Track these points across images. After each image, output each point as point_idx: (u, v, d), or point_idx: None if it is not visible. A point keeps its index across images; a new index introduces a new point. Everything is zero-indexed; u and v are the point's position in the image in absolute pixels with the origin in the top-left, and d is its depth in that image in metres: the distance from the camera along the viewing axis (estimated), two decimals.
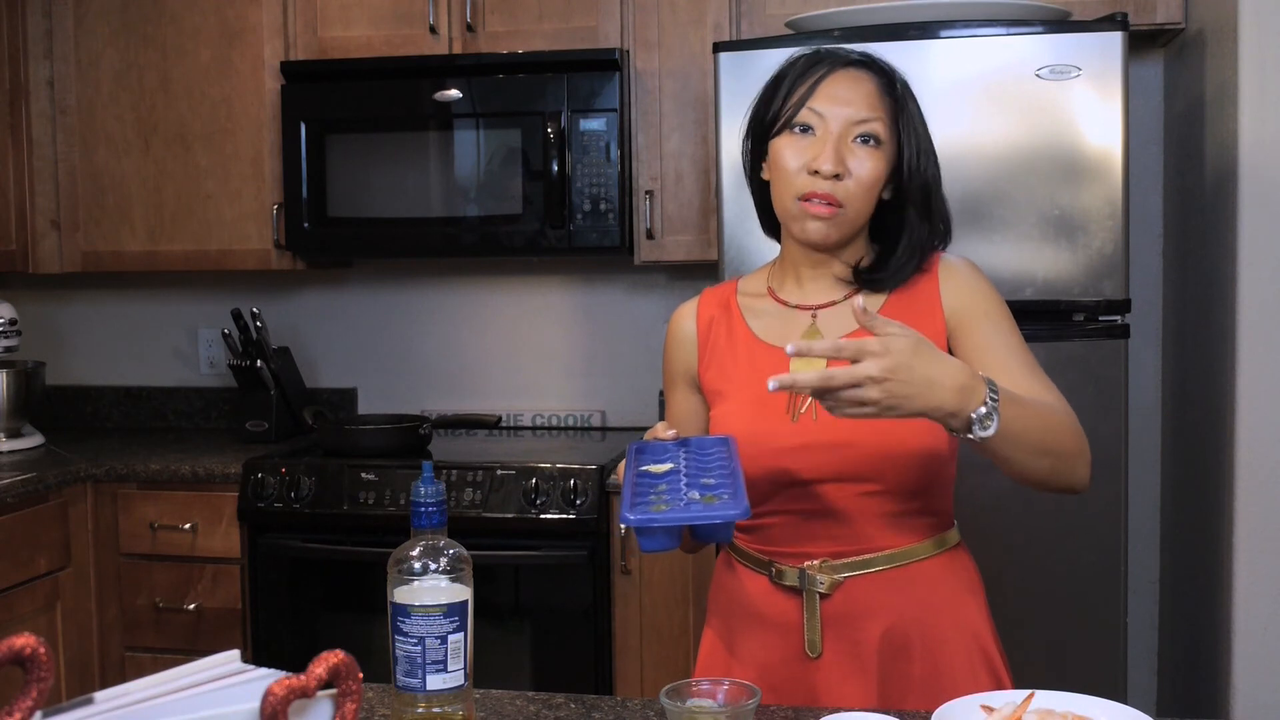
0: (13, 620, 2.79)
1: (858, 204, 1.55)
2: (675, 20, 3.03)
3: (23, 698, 0.89)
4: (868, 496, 1.55)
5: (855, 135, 1.54)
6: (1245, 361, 2.47)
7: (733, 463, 1.43)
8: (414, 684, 1.27)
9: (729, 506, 1.32)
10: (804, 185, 1.54)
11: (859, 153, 1.54)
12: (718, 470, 1.42)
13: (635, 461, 1.48)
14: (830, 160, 1.52)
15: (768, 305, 1.66)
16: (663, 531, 1.34)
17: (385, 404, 3.60)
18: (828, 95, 1.55)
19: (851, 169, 1.53)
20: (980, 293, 1.59)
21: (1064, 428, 1.48)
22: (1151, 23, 2.83)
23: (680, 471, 1.43)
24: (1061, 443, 1.46)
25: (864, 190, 1.54)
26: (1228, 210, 2.52)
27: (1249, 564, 2.48)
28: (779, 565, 1.59)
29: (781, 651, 1.59)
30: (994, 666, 1.60)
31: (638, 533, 1.34)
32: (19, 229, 3.34)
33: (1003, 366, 1.52)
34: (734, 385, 1.63)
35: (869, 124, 1.54)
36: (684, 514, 1.32)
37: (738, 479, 1.37)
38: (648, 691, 2.81)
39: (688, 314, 1.72)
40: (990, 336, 1.56)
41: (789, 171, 1.55)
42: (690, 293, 3.37)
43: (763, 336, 1.64)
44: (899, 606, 1.56)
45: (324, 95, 3.17)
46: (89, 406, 3.78)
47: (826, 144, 1.53)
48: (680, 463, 1.46)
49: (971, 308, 1.58)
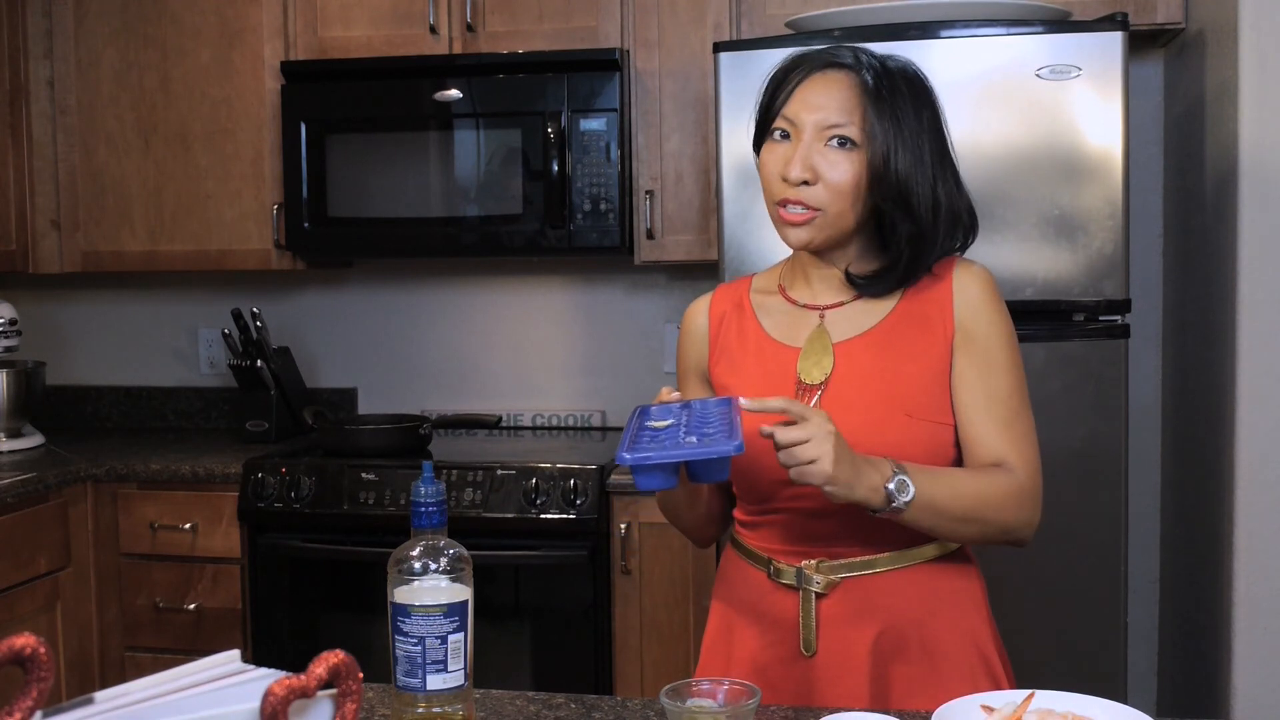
0: (13, 620, 2.79)
1: (835, 207, 1.54)
2: (675, 20, 3.03)
3: (23, 698, 0.89)
4: None
5: (827, 139, 1.53)
6: (1245, 361, 2.47)
7: (733, 413, 1.44)
8: (414, 684, 1.27)
9: (722, 443, 1.33)
10: (779, 191, 1.56)
11: (831, 156, 1.53)
12: (717, 422, 1.43)
13: (638, 420, 1.49)
14: (797, 167, 1.53)
15: (778, 303, 1.67)
16: (659, 470, 1.37)
17: (385, 404, 3.60)
18: (801, 101, 1.55)
19: (822, 173, 1.53)
20: (990, 320, 1.58)
21: (997, 499, 1.53)
22: (1151, 23, 2.83)
23: (680, 425, 1.45)
24: (988, 514, 1.52)
25: (838, 193, 1.53)
26: (1228, 210, 2.52)
27: (1249, 564, 2.48)
28: (777, 563, 1.59)
29: (778, 648, 1.59)
30: (993, 670, 1.59)
31: (634, 471, 1.37)
32: (19, 229, 3.34)
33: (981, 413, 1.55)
34: (741, 381, 1.63)
35: (840, 128, 1.53)
36: (678, 450, 1.34)
37: (736, 425, 1.39)
38: (648, 691, 2.81)
39: (701, 309, 1.73)
40: (979, 377, 1.56)
41: (767, 179, 1.58)
42: (690, 292, 3.39)
43: (773, 334, 1.64)
44: (897, 608, 1.56)
45: (324, 95, 3.17)
46: (89, 406, 3.78)
47: (796, 151, 1.54)
48: (682, 419, 1.47)
49: (974, 334, 1.57)
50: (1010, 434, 1.55)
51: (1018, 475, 1.54)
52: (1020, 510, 1.54)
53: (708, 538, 1.76)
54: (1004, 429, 1.55)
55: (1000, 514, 1.53)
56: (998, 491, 1.52)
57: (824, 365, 1.58)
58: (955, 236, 1.61)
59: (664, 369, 3.42)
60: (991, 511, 1.52)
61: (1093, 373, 2.48)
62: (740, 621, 1.64)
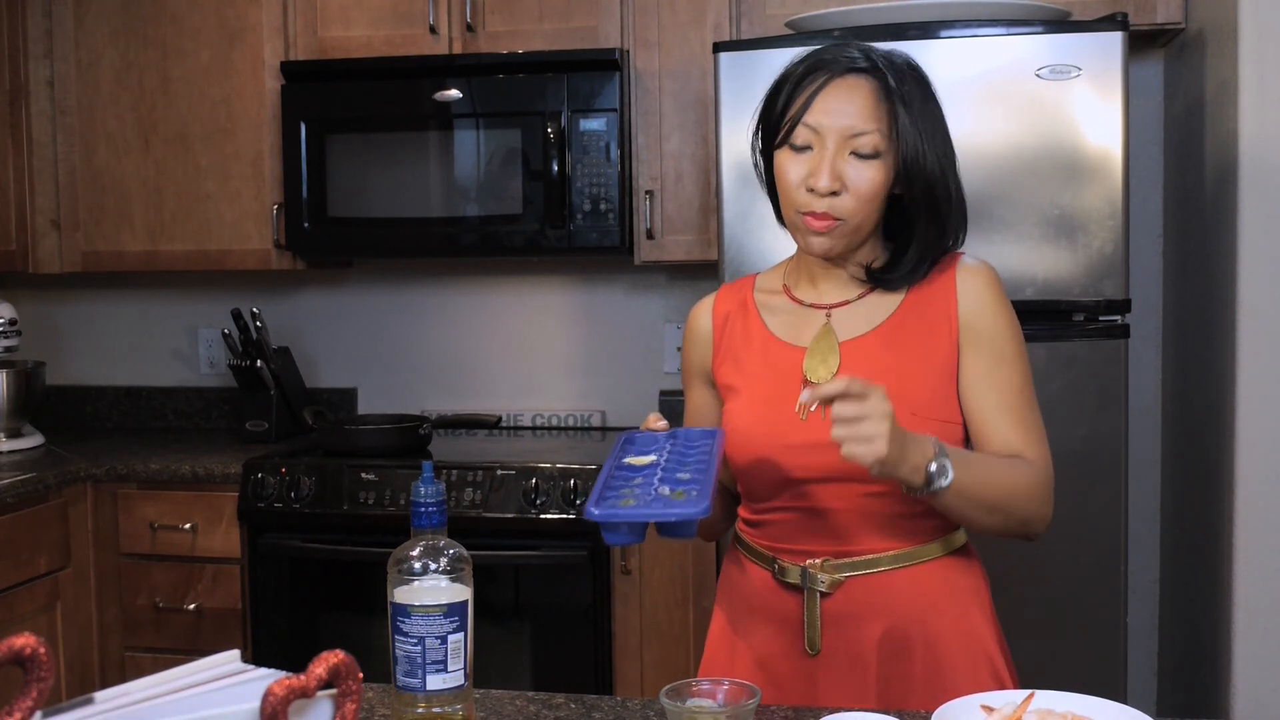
0: (13, 620, 2.79)
1: (859, 216, 1.54)
2: (675, 20, 3.03)
3: (23, 698, 0.89)
4: (872, 497, 1.55)
5: (852, 149, 1.53)
6: (1245, 361, 2.47)
7: (711, 458, 1.44)
8: (414, 684, 1.27)
9: (689, 505, 1.33)
10: (803, 201, 1.54)
11: (857, 165, 1.52)
12: (695, 464, 1.43)
13: (620, 453, 1.49)
14: (826, 178, 1.51)
15: (783, 303, 1.67)
16: (626, 526, 1.36)
17: (385, 404, 3.60)
18: (823, 109, 1.53)
19: (849, 183, 1.52)
20: (995, 315, 1.58)
21: (1024, 488, 1.53)
22: (1151, 23, 2.83)
23: (659, 465, 1.44)
24: (1014, 503, 1.52)
25: (863, 202, 1.53)
26: (1228, 210, 2.52)
27: (1249, 564, 2.48)
28: (782, 562, 1.59)
29: (782, 646, 1.60)
30: (996, 669, 1.59)
31: (601, 526, 1.36)
32: (19, 229, 3.34)
33: (993, 408, 1.55)
34: (747, 381, 1.63)
35: (865, 137, 1.52)
36: (645, 510, 1.34)
37: (709, 475, 1.39)
38: (648, 691, 2.81)
39: (704, 310, 1.73)
40: (989, 372, 1.56)
41: (789, 186, 1.56)
42: (690, 292, 3.40)
43: (778, 334, 1.64)
44: (900, 607, 1.56)
45: (324, 95, 3.17)
46: (89, 406, 3.78)
47: (823, 160, 1.52)
48: (663, 456, 1.47)
49: (980, 330, 1.57)
50: (1023, 427, 1.56)
51: (1036, 468, 1.55)
52: (1041, 504, 1.55)
53: (715, 534, 1.76)
54: (1017, 422, 1.55)
55: (1025, 506, 1.53)
56: (1024, 483, 1.53)
57: (830, 364, 1.57)
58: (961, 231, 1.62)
59: (664, 369, 3.42)
60: (1018, 503, 1.53)
61: (1093, 373, 2.48)
62: (744, 620, 1.64)
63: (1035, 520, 1.56)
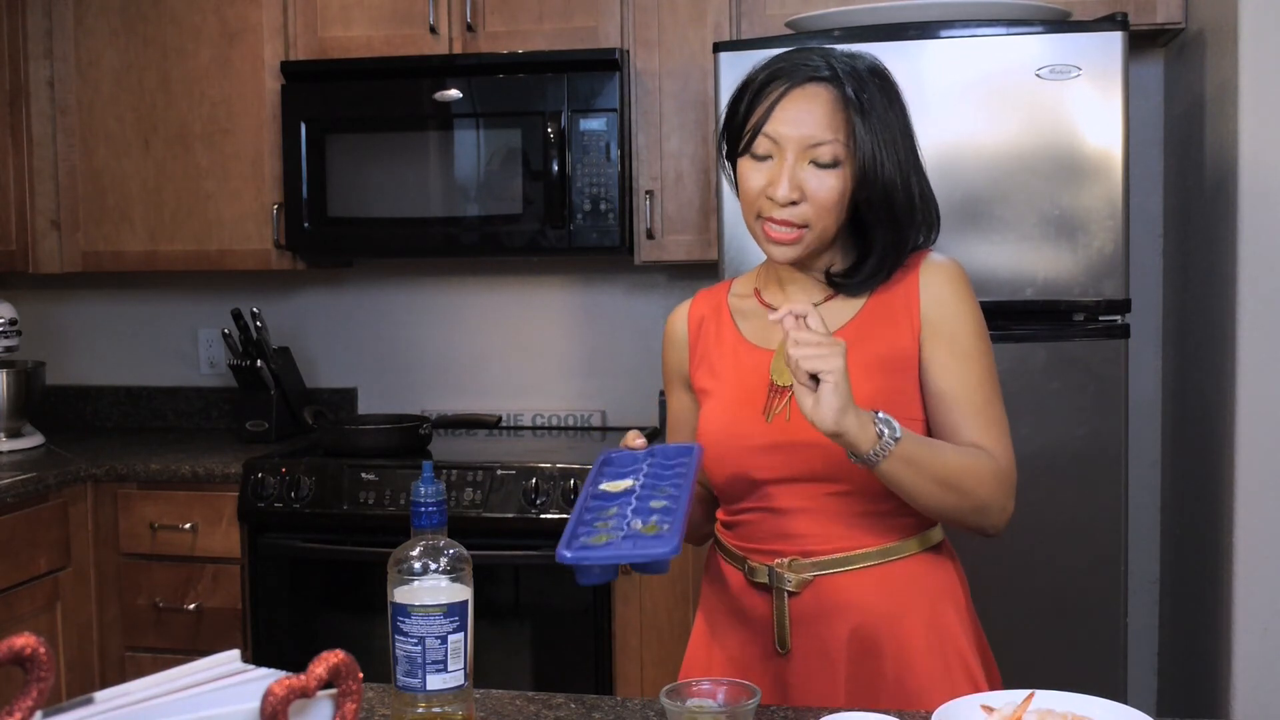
0: (13, 620, 2.79)
1: (820, 223, 1.54)
2: (675, 20, 3.03)
3: (23, 698, 0.89)
4: (837, 496, 1.55)
5: (811, 158, 1.53)
6: (1245, 361, 2.47)
7: (686, 480, 1.44)
8: (414, 684, 1.27)
9: (660, 543, 1.32)
10: (765, 209, 1.55)
11: (817, 174, 1.53)
12: (670, 486, 1.43)
13: (597, 477, 1.49)
14: (785, 187, 1.52)
15: (754, 307, 1.68)
16: (598, 568, 1.35)
17: (385, 404, 3.60)
18: (782, 118, 1.53)
19: (809, 192, 1.53)
20: (956, 310, 1.58)
21: (977, 471, 1.52)
22: (1151, 23, 2.83)
23: (634, 493, 1.44)
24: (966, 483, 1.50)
25: (824, 211, 1.54)
26: (1228, 210, 2.52)
27: (1249, 564, 2.48)
28: (751, 562, 1.61)
29: (754, 646, 1.61)
30: (970, 669, 1.59)
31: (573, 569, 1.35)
32: (19, 229, 3.34)
33: (954, 401, 1.55)
34: (719, 384, 1.65)
35: (824, 146, 1.52)
36: (615, 552, 1.32)
37: (682, 504, 1.38)
38: (648, 691, 2.81)
39: (681, 316, 1.75)
40: (950, 365, 1.56)
41: (750, 194, 1.57)
42: (690, 293, 3.38)
43: (749, 337, 1.66)
44: (869, 606, 1.56)
45: (324, 95, 3.17)
46: (89, 406, 3.78)
47: (783, 170, 1.52)
48: (640, 478, 1.47)
49: (941, 324, 1.57)
50: (983, 420, 1.56)
51: (995, 456, 1.55)
52: (998, 490, 1.53)
53: (701, 536, 1.77)
54: (976, 415, 1.55)
55: (979, 487, 1.51)
56: (979, 466, 1.52)
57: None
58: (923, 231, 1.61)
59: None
60: (971, 482, 1.51)
61: (1093, 372, 2.48)
62: (721, 620, 1.67)
63: (993, 509, 1.54)
